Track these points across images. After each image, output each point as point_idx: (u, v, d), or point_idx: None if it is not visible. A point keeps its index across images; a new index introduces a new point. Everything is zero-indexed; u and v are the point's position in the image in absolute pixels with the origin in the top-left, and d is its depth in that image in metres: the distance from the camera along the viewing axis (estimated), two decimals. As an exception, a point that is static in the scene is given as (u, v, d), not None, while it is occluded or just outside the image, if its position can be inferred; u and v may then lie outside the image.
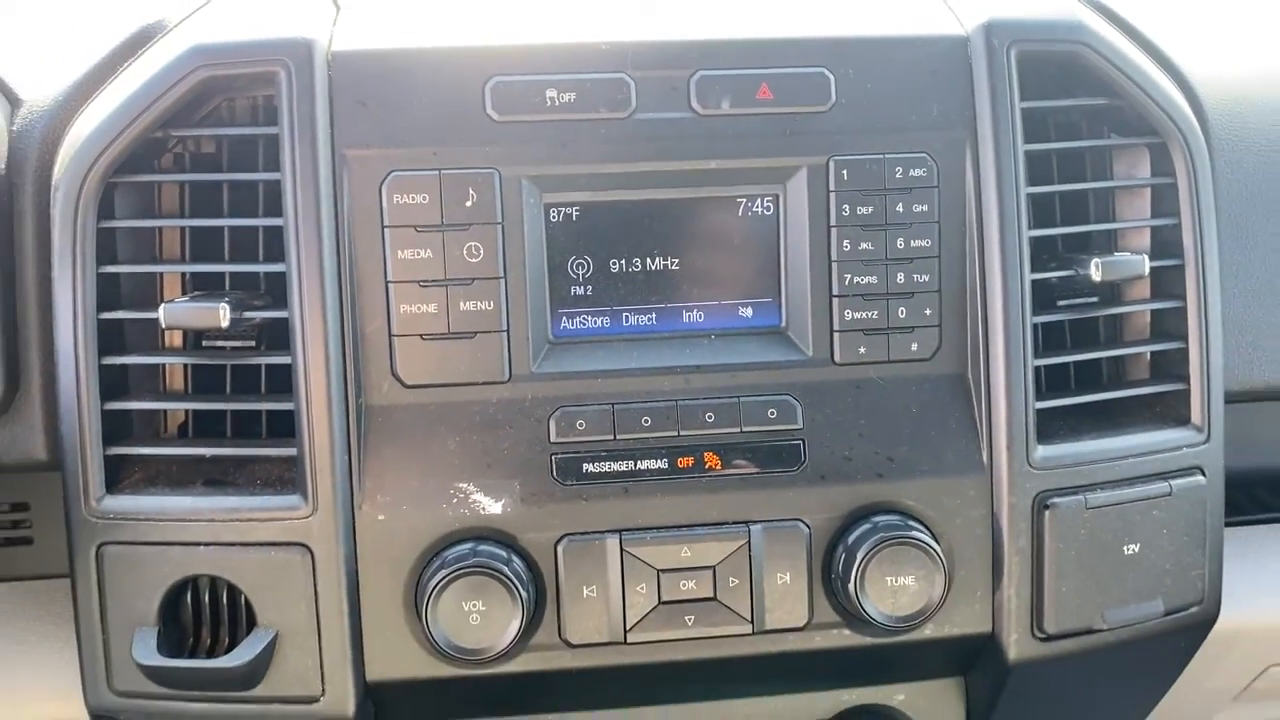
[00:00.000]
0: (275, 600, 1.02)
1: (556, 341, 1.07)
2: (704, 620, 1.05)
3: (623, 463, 1.05)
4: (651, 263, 1.08)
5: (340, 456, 1.01)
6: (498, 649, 1.01)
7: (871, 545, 1.03)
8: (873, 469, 1.07)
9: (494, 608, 1.00)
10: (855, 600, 1.04)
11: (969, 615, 1.09)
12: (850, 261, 1.07)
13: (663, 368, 1.06)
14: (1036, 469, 1.08)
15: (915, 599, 1.04)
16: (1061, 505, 1.08)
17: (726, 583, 1.05)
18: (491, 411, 1.04)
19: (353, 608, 1.02)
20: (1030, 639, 1.10)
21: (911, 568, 1.04)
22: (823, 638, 1.07)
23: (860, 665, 1.13)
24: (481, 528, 1.03)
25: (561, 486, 1.04)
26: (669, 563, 1.04)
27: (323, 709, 1.03)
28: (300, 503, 1.01)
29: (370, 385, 1.03)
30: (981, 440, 1.08)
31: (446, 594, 1.00)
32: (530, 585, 1.02)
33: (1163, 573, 1.12)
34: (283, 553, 1.01)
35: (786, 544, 1.05)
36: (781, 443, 1.06)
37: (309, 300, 1.01)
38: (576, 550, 1.03)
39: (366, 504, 1.02)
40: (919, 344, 1.08)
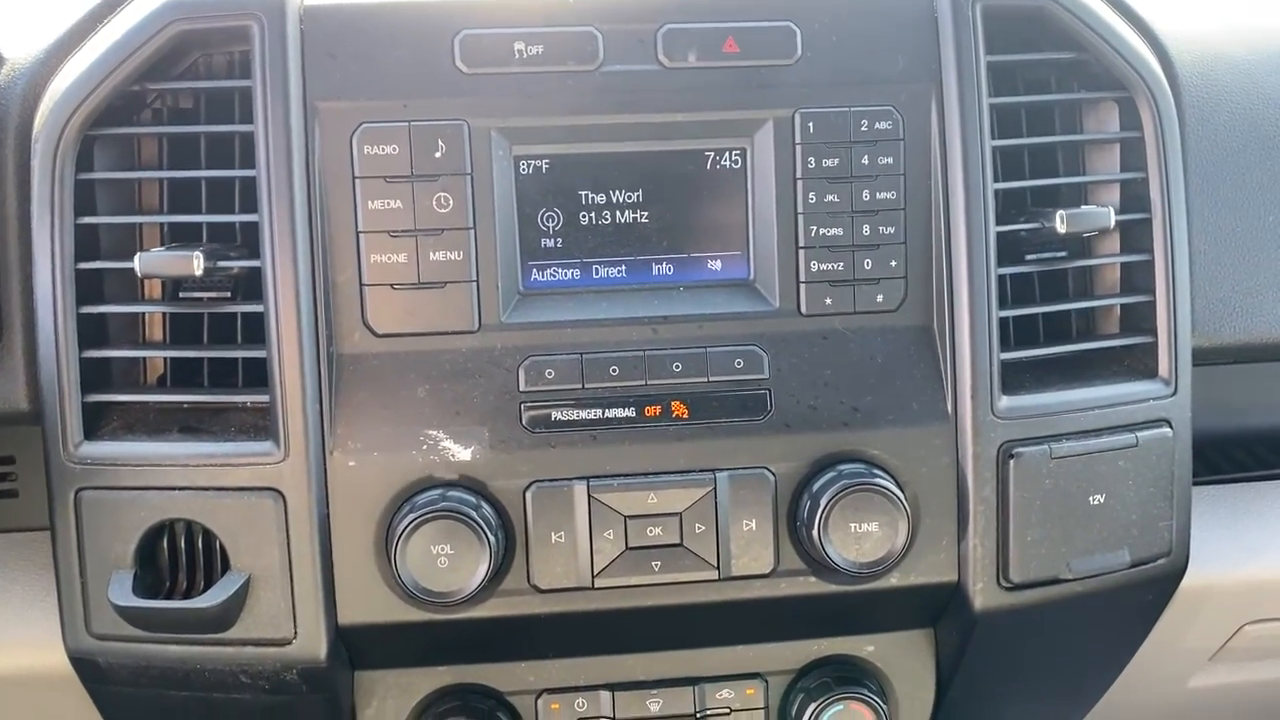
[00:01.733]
0: (248, 544, 1.04)
1: (527, 293, 1.08)
2: (670, 566, 1.07)
3: (591, 411, 1.06)
4: (621, 215, 1.09)
5: (311, 404, 1.03)
6: (466, 592, 1.02)
7: (835, 492, 1.04)
8: (838, 418, 1.08)
9: (462, 551, 1.02)
10: (820, 547, 1.05)
11: (934, 564, 1.10)
12: (816, 214, 1.08)
13: (631, 318, 1.08)
14: (1001, 419, 1.09)
15: (879, 546, 1.06)
16: (1026, 455, 1.09)
17: (693, 529, 1.07)
18: (461, 360, 1.06)
19: (324, 552, 1.04)
20: (996, 588, 1.11)
21: (875, 514, 1.05)
22: (789, 584, 1.09)
23: (828, 615, 1.14)
24: (451, 474, 1.05)
25: (530, 434, 1.05)
26: (636, 509, 1.05)
27: (295, 651, 1.05)
28: (273, 449, 1.03)
29: (341, 334, 1.05)
30: (946, 390, 1.09)
31: (415, 537, 1.01)
32: (499, 531, 1.04)
33: (1129, 524, 1.12)
34: (255, 497, 1.03)
35: (752, 491, 1.06)
36: (748, 392, 1.07)
37: (280, 249, 1.02)
38: (545, 497, 1.05)
39: (337, 450, 1.04)
40: (885, 295, 1.09)
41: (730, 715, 1.17)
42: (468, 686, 1.15)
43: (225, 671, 1.07)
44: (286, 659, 1.06)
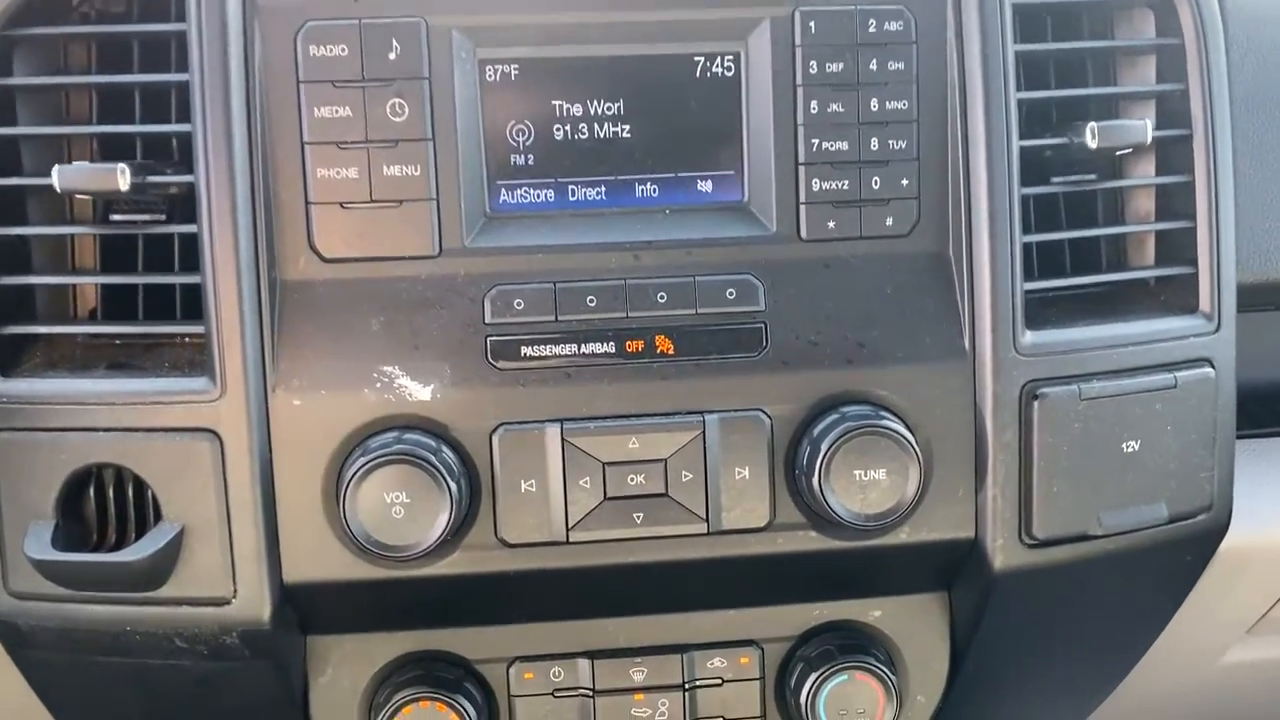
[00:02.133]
0: (182, 492, 0.93)
1: (494, 215, 0.97)
2: (654, 518, 0.96)
3: (565, 346, 0.96)
4: (600, 129, 0.98)
5: (251, 335, 0.93)
6: (423, 546, 0.92)
7: (839, 436, 0.93)
8: (841, 355, 0.97)
9: (419, 500, 0.91)
10: (820, 497, 0.94)
11: (949, 518, 0.99)
12: (819, 125, 0.96)
13: (611, 243, 0.97)
14: (1024, 355, 0.97)
15: (887, 496, 0.95)
16: (1052, 396, 0.97)
17: (679, 477, 0.96)
18: (420, 289, 0.95)
19: (266, 501, 0.93)
20: (1017, 545, 0.99)
21: (882, 461, 0.94)
22: (786, 540, 0.98)
23: (830, 576, 1.03)
24: (408, 415, 0.94)
25: (497, 371, 0.95)
26: (615, 455, 0.95)
27: (235, 612, 0.95)
28: (208, 385, 0.93)
29: (285, 258, 0.94)
30: (963, 324, 0.97)
31: (367, 484, 0.91)
32: (462, 478, 0.93)
33: (1166, 474, 1.01)
34: (189, 439, 0.92)
35: (745, 436, 0.96)
36: (741, 326, 0.96)
37: (215, 162, 0.91)
38: (513, 440, 0.94)
39: (281, 388, 0.93)
40: (894, 218, 0.98)
41: (722, 686, 1.06)
42: (431, 654, 1.05)
43: (158, 635, 0.96)
44: (226, 621, 0.95)
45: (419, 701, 1.01)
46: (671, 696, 1.06)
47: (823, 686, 1.04)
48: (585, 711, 1.05)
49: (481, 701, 1.04)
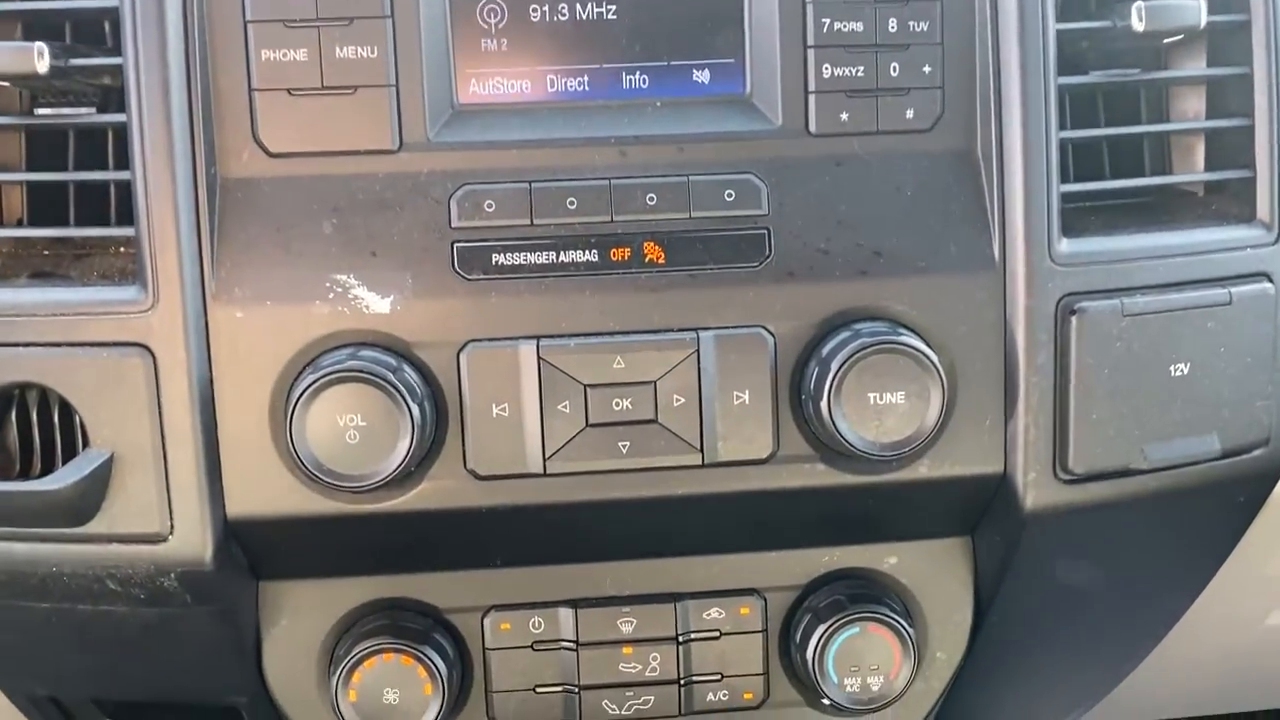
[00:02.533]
0: (111, 415, 0.83)
1: (463, 108, 0.87)
2: (642, 448, 0.86)
3: (542, 253, 0.85)
4: (582, 11, 0.87)
5: (187, 238, 0.82)
6: (381, 475, 0.81)
7: (851, 354, 0.83)
8: (855, 265, 0.86)
9: (376, 424, 0.81)
10: (830, 424, 0.83)
11: (974, 450, 0.88)
12: (830, 4, 0.85)
13: (594, 138, 0.86)
14: (1060, 265, 0.87)
15: (904, 423, 0.84)
16: (1092, 311, 0.87)
17: (670, 402, 0.85)
18: (378, 188, 0.84)
19: (206, 425, 0.83)
20: (1051, 481, 0.89)
21: (900, 382, 0.83)
22: (791, 474, 0.87)
23: (840, 517, 0.93)
24: (365, 330, 0.84)
25: (465, 281, 0.84)
26: (598, 376, 0.85)
27: (172, 551, 0.85)
28: (139, 294, 0.83)
29: (226, 152, 0.84)
30: (992, 230, 0.87)
31: (317, 404, 0.81)
32: (425, 401, 0.83)
33: (1219, 402, 0.90)
34: (118, 355, 0.82)
35: (745, 356, 0.85)
36: (741, 231, 0.86)
37: (145, 42, 0.81)
38: (483, 359, 0.84)
39: (221, 297, 0.83)
40: (915, 110, 0.87)
41: (720, 639, 0.96)
42: (397, 602, 0.94)
43: (88, 577, 0.86)
44: (162, 560, 0.85)
45: (382, 654, 0.91)
46: (664, 650, 0.96)
47: (832, 640, 0.93)
48: (568, 666, 0.95)
49: (453, 655, 0.94)
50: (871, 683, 0.95)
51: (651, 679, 0.96)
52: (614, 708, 0.96)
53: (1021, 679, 1.09)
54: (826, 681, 0.94)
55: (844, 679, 0.94)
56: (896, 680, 0.95)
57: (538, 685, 0.96)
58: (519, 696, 0.96)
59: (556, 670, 0.95)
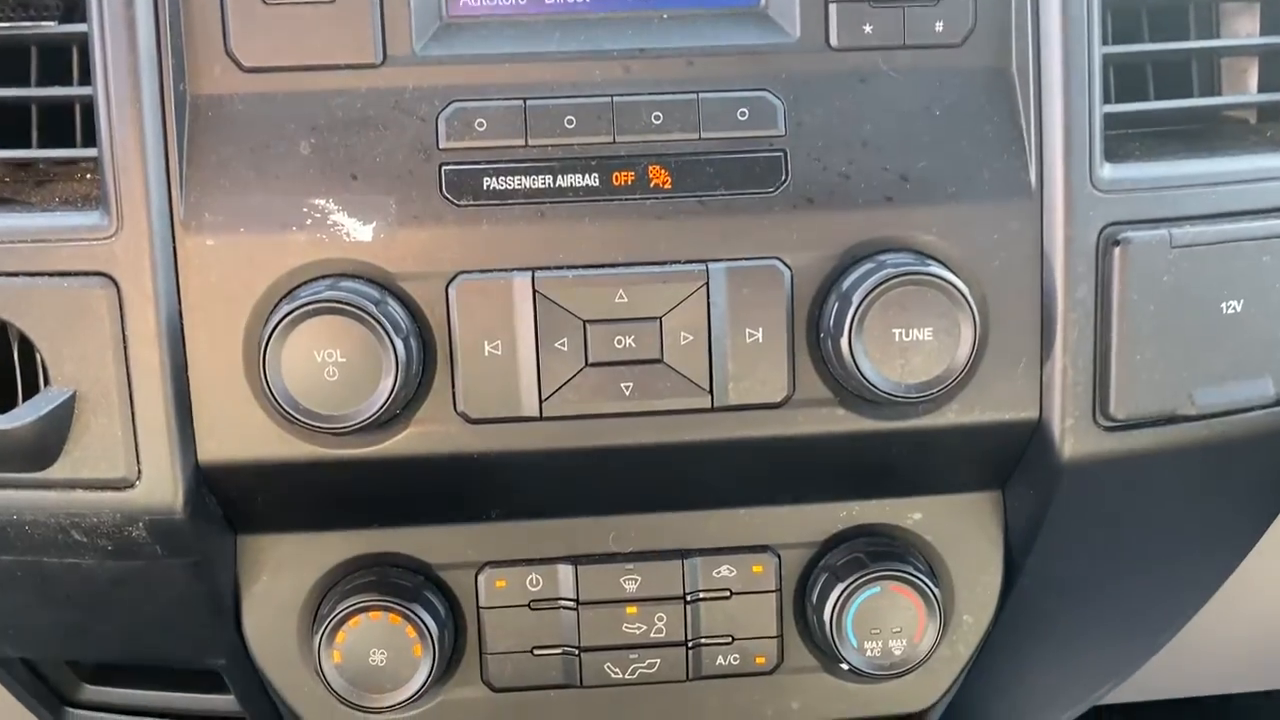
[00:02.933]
0: (73, 351, 0.77)
1: (452, 19, 0.80)
2: (646, 389, 0.79)
3: (538, 177, 0.78)
4: (583, -85, 0.80)
5: (154, 159, 0.76)
6: (363, 416, 0.75)
7: (874, 285, 0.76)
8: (879, 191, 0.79)
9: (358, 360, 0.75)
10: (851, 364, 0.77)
11: (1007, 394, 0.82)
12: (852, -96, 0.79)
13: (595, 51, 0.79)
14: (1103, 192, 0.80)
15: (932, 361, 0.77)
16: (1137, 242, 0.79)
17: (677, 340, 0.79)
18: (359, 105, 0.78)
19: (174, 362, 0.77)
20: (1091, 428, 0.82)
21: (928, 316, 0.76)
22: (808, 419, 0.81)
23: (861, 467, 0.86)
24: (345, 260, 0.77)
25: (454, 207, 0.78)
26: (599, 311, 0.78)
27: (141, 498, 0.79)
28: (102, 220, 0.76)
29: (196, 67, 0.77)
30: (1029, 154, 0.80)
31: (293, 338, 0.74)
32: (411, 337, 0.76)
33: (1274, 343, 0.83)
34: (80, 286, 0.76)
35: (759, 290, 0.78)
36: (755, 154, 0.79)
37: (107, -56, 0.75)
38: (474, 293, 0.77)
39: (190, 224, 0.77)
40: (945, 22, 0.79)
41: (730, 599, 0.90)
42: (385, 558, 0.88)
43: (51, 526, 0.80)
44: (130, 508, 0.79)
45: (368, 612, 0.85)
46: (670, 610, 0.89)
47: (851, 600, 0.87)
48: (567, 627, 0.89)
49: (444, 614, 0.88)
50: (893, 647, 0.88)
51: (657, 641, 0.89)
52: (616, 671, 0.90)
53: (1052, 647, 1.02)
54: (845, 645, 0.87)
55: (864, 642, 0.88)
56: (920, 644, 0.88)
57: (535, 647, 0.89)
58: (515, 659, 0.89)
59: (555, 631, 0.89)
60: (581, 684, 0.90)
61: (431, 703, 0.90)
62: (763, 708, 0.93)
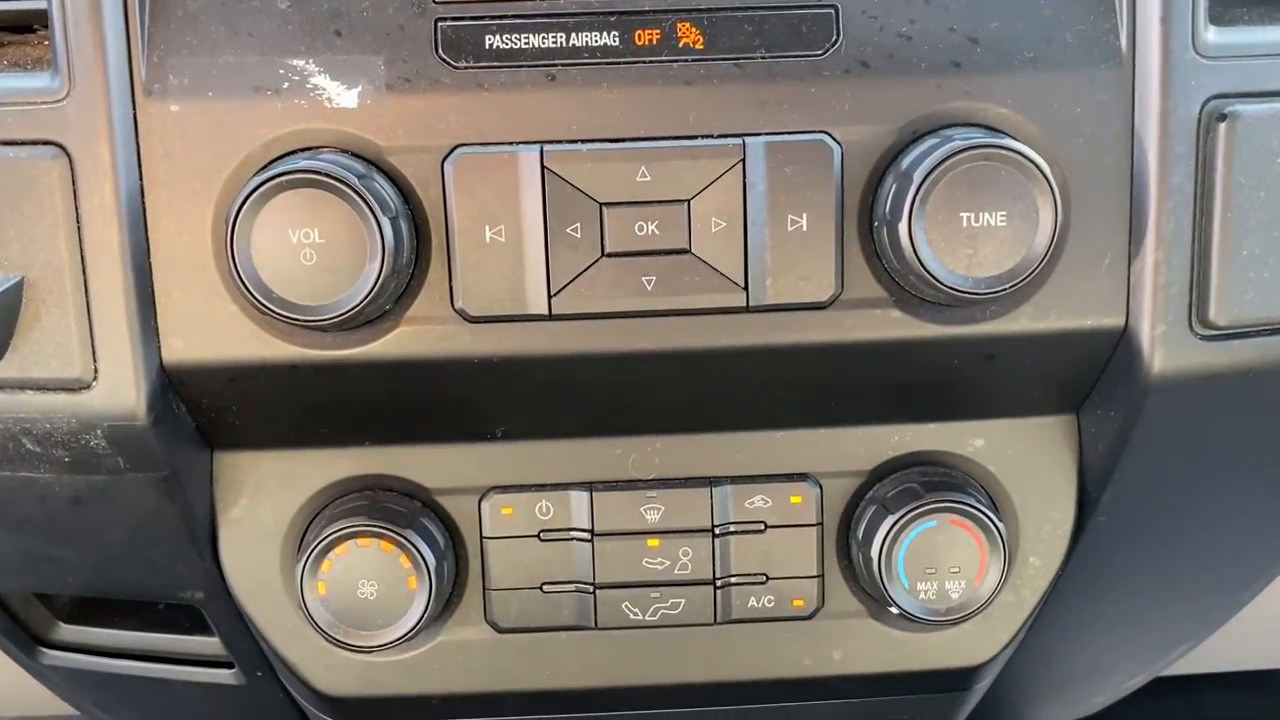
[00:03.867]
0: (21, 230, 0.68)
1: None
2: (671, 285, 0.69)
3: (548, 35, 0.68)
4: None
5: (111, 12, 0.67)
6: (345, 308, 0.66)
7: (939, 161, 0.65)
8: (945, 55, 0.68)
9: (338, 242, 0.65)
10: (910, 253, 0.66)
11: (1090, 296, 0.71)
12: None
13: (614, -111, 0.70)
14: (1207, 59, 0.69)
15: (1006, 251, 0.66)
16: (1247, 117, 0.68)
17: (707, 227, 0.69)
18: (346, -48, 0.69)
19: (135, 245, 0.68)
20: (1186, 337, 0.71)
21: (1002, 198, 0.66)
22: (858, 323, 0.70)
23: (918, 383, 0.75)
24: (327, 131, 0.68)
25: (451, 70, 0.68)
26: (618, 192, 0.68)
27: (99, 401, 0.70)
28: (52, 82, 0.67)
29: (159, -94, 0.69)
30: (1119, 14, 0.69)
31: (265, 214, 0.65)
32: (402, 219, 0.67)
33: (1405, 240, 0.72)
34: (27, 156, 0.67)
35: (804, 169, 0.68)
36: (802, 9, 0.68)
37: None
38: (474, 169, 0.67)
39: (152, 87, 0.67)
40: None
41: (765, 533, 0.80)
42: (379, 480, 0.79)
43: (1, 435, 0.72)
44: (86, 413, 0.70)
45: (358, 538, 0.76)
46: (696, 544, 0.79)
47: (902, 535, 0.76)
48: (581, 561, 0.79)
49: (443, 543, 0.78)
50: (950, 589, 0.78)
51: (681, 578, 0.80)
52: (635, 612, 0.80)
53: (1124, 598, 0.92)
54: (895, 586, 0.77)
55: (916, 584, 0.77)
56: (981, 587, 0.78)
57: (544, 583, 0.80)
58: (522, 595, 0.80)
59: (567, 565, 0.79)
60: (596, 625, 0.80)
61: (429, 644, 0.81)
62: (799, 657, 0.83)
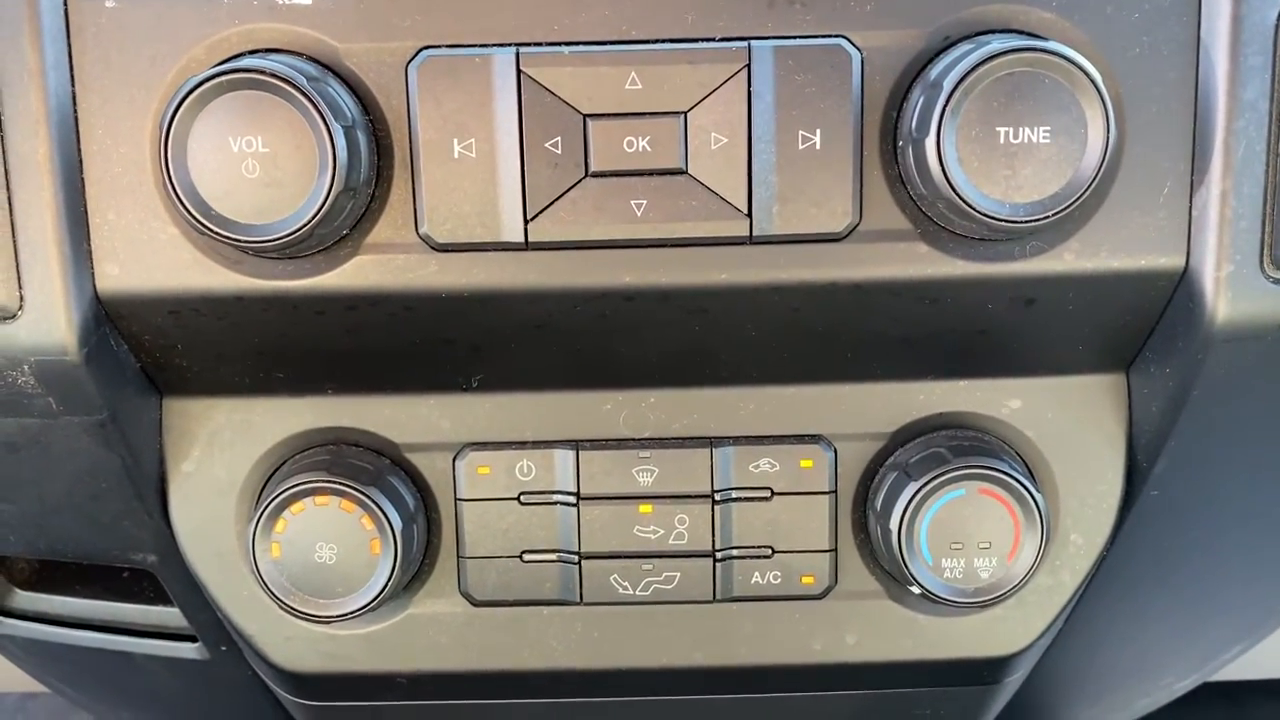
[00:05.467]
0: (-66, 139, 0.62)
1: None
2: (664, 210, 0.61)
3: (528, -76, 0.61)
4: None
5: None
6: (292, 229, 0.58)
7: (973, 65, 0.57)
8: (980, -51, 0.60)
9: (284, 152, 0.58)
10: (940, 174, 0.58)
11: (1145, 231, 0.62)
12: None
13: None
14: (1288, -50, 0.61)
15: (1049, 172, 0.58)
16: (1334, 22, 0.60)
17: (706, 143, 0.61)
18: None
19: (65, 158, 0.61)
20: (1257, 279, 0.62)
21: (1045, 111, 0.57)
22: (878, 258, 0.62)
23: (946, 332, 0.67)
24: (278, 31, 0.60)
25: (418, -39, 0.61)
26: (604, 102, 0.60)
27: (25, 332, 0.62)
28: (-31, -34, 0.61)
29: None
30: (1186, -99, 0.61)
31: (203, 120, 0.58)
32: (360, 130, 0.59)
33: None
34: (-57, 56, 0.61)
35: (819, 77, 0.60)
36: (815, -100, 0.61)
37: None
38: (441, 74, 0.60)
39: (82, -23, 0.61)
40: None
41: (771, 500, 0.71)
42: (342, 433, 0.71)
43: (-82, 368, 0.66)
44: (11, 346, 0.63)
45: (315, 495, 0.68)
46: (693, 511, 0.71)
47: (926, 505, 0.68)
48: (565, 527, 0.71)
49: (412, 505, 0.71)
50: (979, 567, 0.69)
51: (676, 549, 0.72)
52: (625, 585, 0.72)
53: (1177, 586, 0.82)
54: (916, 562, 0.68)
55: (941, 560, 0.69)
56: (1014, 565, 0.69)
57: (525, 551, 0.72)
58: (500, 565, 0.72)
59: (550, 532, 0.71)
60: (581, 600, 0.72)
61: (396, 617, 0.74)
62: (808, 640, 0.74)
